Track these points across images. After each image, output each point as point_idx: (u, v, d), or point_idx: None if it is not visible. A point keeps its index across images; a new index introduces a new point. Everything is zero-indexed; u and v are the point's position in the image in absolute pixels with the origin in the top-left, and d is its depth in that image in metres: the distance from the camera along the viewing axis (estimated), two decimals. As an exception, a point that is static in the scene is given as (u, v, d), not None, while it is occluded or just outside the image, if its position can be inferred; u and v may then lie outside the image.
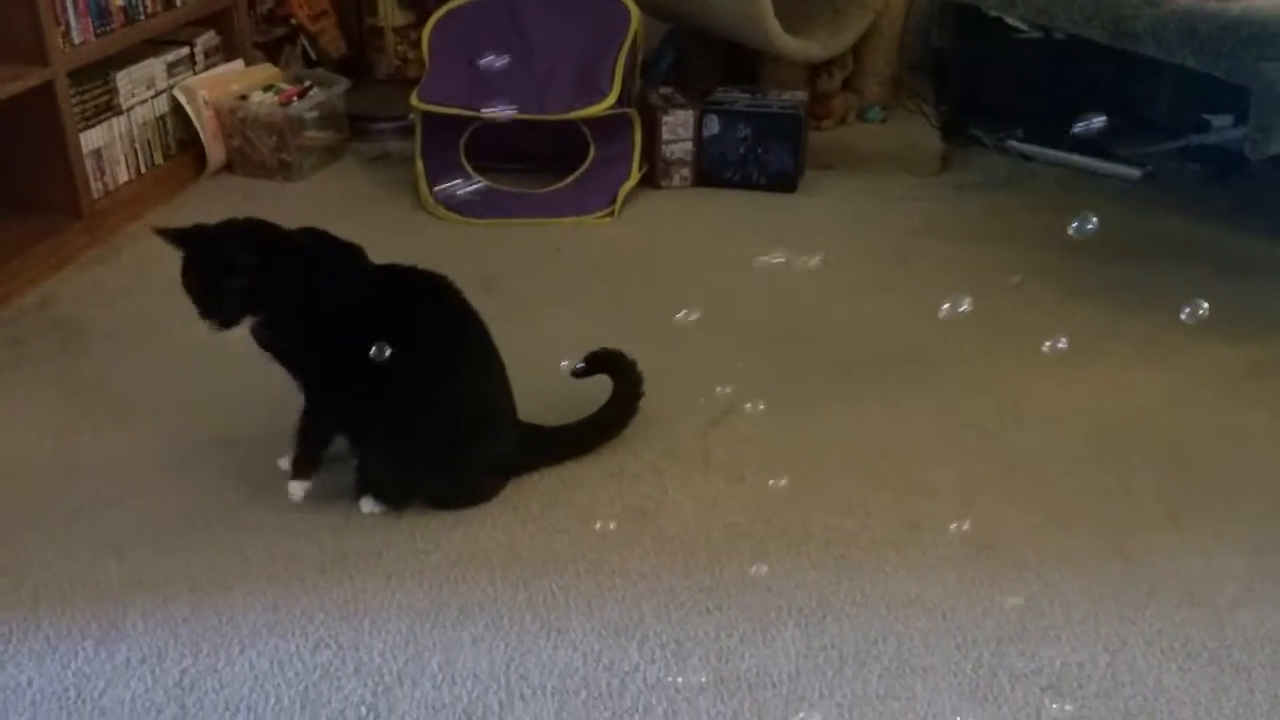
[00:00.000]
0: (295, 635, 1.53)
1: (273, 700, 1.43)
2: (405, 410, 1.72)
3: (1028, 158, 3.19)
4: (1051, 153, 3.16)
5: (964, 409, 2.06)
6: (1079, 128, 1.22)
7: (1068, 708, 1.43)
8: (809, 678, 1.48)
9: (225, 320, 1.63)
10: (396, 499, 1.78)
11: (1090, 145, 3.11)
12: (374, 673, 1.47)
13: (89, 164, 2.70)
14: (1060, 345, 1.74)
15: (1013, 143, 3.23)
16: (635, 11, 2.96)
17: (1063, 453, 1.94)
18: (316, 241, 1.76)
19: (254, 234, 1.69)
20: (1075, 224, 1.16)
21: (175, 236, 1.64)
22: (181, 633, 1.53)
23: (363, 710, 1.42)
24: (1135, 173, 3.07)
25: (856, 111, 3.28)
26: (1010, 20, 3.21)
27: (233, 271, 1.61)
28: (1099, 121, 1.21)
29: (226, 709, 1.42)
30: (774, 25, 2.93)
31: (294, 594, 1.60)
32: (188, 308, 1.64)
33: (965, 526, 1.73)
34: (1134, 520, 1.78)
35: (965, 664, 1.50)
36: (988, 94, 3.34)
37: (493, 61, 2.93)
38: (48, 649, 1.50)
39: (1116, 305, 2.41)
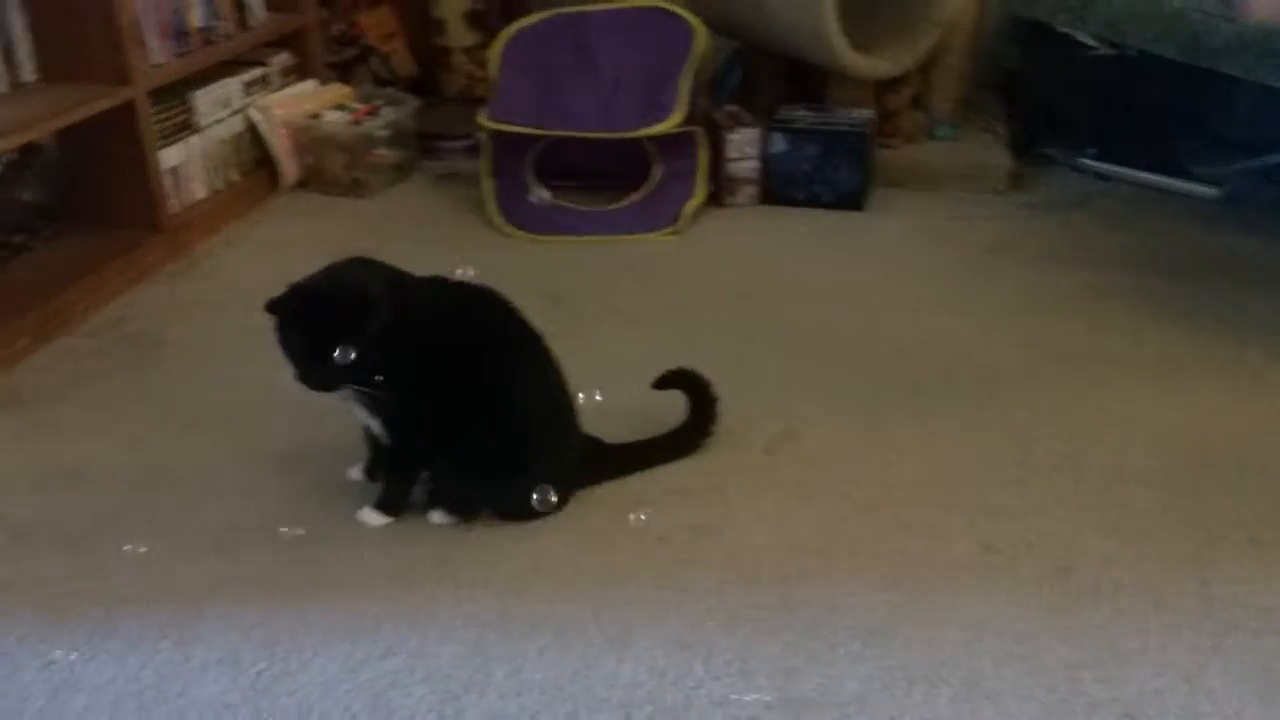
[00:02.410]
0: (365, 642, 1.55)
1: (343, 705, 1.44)
2: (474, 425, 1.73)
3: (1101, 176, 3.14)
4: (1126, 171, 3.11)
5: (1038, 431, 2.03)
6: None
7: (1145, 736, 1.40)
8: (876, 699, 1.46)
9: (329, 387, 1.62)
10: (465, 511, 1.79)
11: (1166, 164, 3.06)
12: (442, 681, 1.48)
13: (167, 181, 2.77)
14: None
15: (1085, 161, 3.18)
16: (701, 30, 2.97)
17: (1140, 477, 1.90)
18: (389, 280, 1.71)
19: (364, 292, 1.63)
20: None
21: (278, 305, 1.61)
22: (255, 636, 1.56)
23: (431, 717, 1.42)
24: (1212, 192, 3.01)
25: (925, 129, 3.26)
26: (1081, 37, 3.16)
27: (348, 342, 1.58)
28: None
29: (299, 712, 1.43)
30: (841, 43, 2.92)
31: (364, 601, 1.62)
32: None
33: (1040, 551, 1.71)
34: (1214, 547, 1.73)
35: (1038, 689, 1.47)
36: (1060, 111, 3.30)
37: (560, 80, 2.97)
38: (127, 649, 1.54)
39: (1194, 328, 2.36)
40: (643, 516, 1.77)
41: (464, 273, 1.60)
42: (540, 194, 2.91)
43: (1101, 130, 3.18)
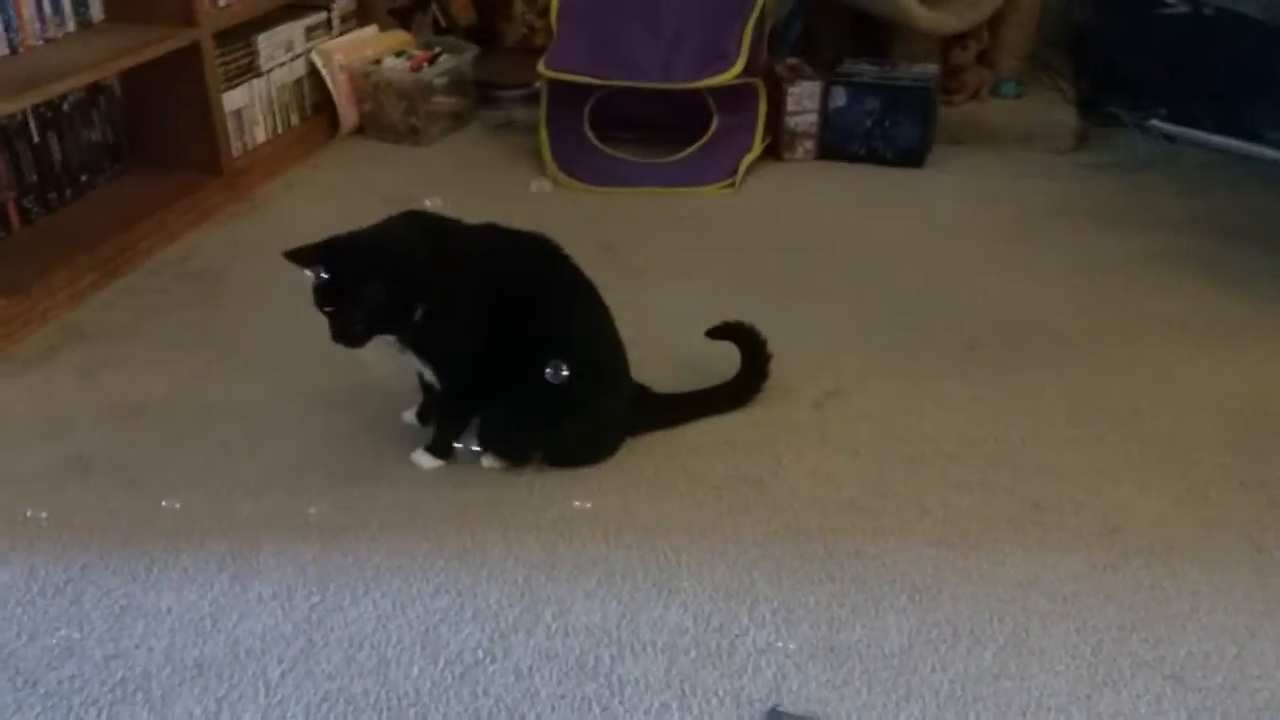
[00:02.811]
0: (417, 579, 1.58)
1: (394, 640, 1.48)
2: (525, 371, 1.75)
3: (1170, 138, 3.07)
4: (1196, 134, 3.03)
5: (1093, 392, 2.01)
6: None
7: (1191, 698, 1.39)
8: (921, 651, 1.46)
9: (358, 341, 1.64)
10: (515, 456, 1.81)
11: (1237, 127, 2.98)
12: (490, 619, 1.51)
13: (230, 123, 2.80)
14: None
15: (1155, 122, 3.10)
16: (765, -19, 2.94)
17: (1196, 441, 1.87)
18: (428, 229, 1.72)
19: (383, 248, 1.66)
20: None
21: (303, 257, 1.63)
22: (310, 571, 1.59)
23: (479, 654, 1.45)
24: (1284, 156, 2.93)
25: (990, 86, 3.20)
26: (1156, -7, 3.08)
27: (362, 296, 1.60)
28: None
29: (351, 645, 1.47)
30: (907, -4, 2.88)
31: (416, 541, 1.65)
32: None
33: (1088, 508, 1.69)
34: (1269, 513, 1.71)
35: (1084, 648, 1.47)
36: (1129, 70, 3.22)
37: (620, 31, 2.95)
38: (186, 580, 1.58)
39: (1259, 294, 2.31)
40: (588, 504, 1.73)
41: (432, 203, 1.58)
42: (595, 145, 2.91)
43: (1171, 91, 3.10)
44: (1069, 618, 1.51)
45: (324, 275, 1.61)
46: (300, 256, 1.64)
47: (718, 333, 1.93)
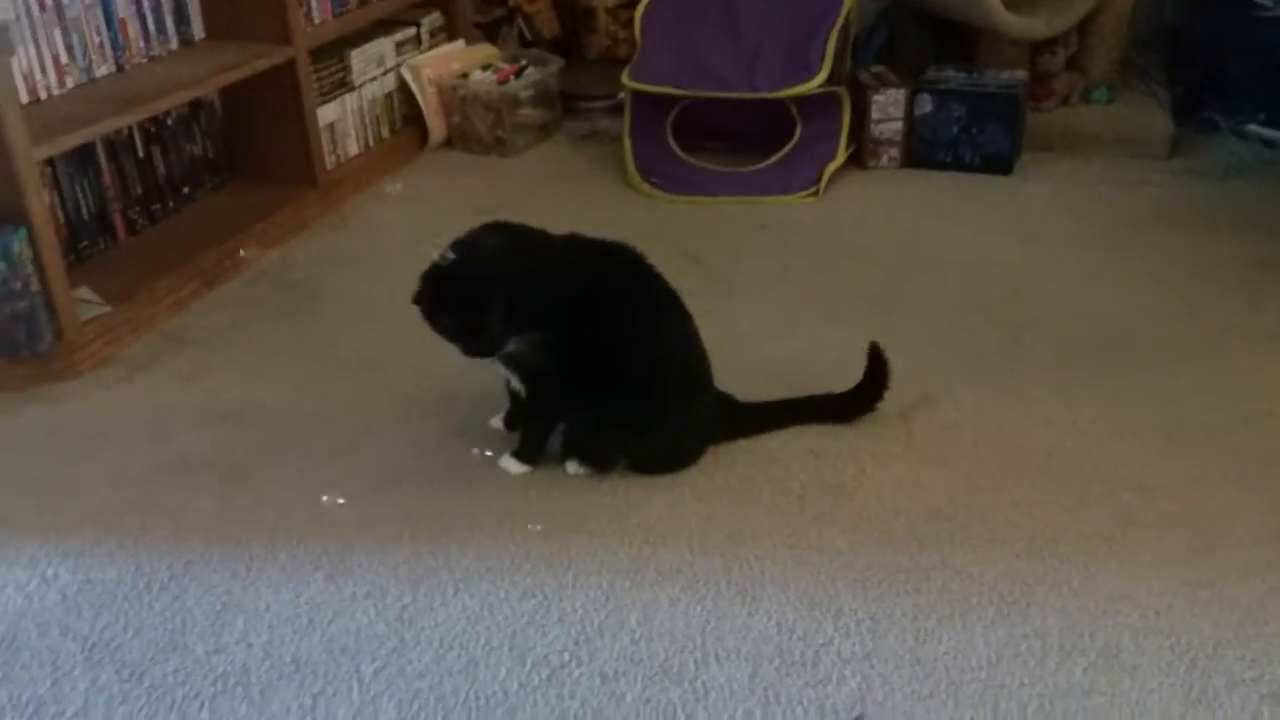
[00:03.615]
0: (504, 582, 1.61)
1: (483, 641, 1.51)
2: (610, 379, 1.77)
3: (1268, 144, 2.98)
4: (1295, 138, 2.96)
5: (1187, 404, 1.96)
6: None
7: (1292, 719, 1.36)
8: (1009, 665, 1.45)
9: (488, 352, 1.69)
10: (601, 462, 1.83)
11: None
12: (576, 623, 1.53)
13: (324, 137, 2.88)
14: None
15: (1253, 127, 3.02)
16: (850, -11, 2.93)
17: (1295, 455, 1.82)
18: (514, 240, 1.76)
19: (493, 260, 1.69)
20: None
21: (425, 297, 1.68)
22: (402, 572, 1.63)
23: (565, 657, 1.48)
24: (1392, 162, 2.83)
25: (1080, 92, 3.15)
26: (1254, -5, 3.01)
27: (485, 310, 1.64)
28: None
29: (441, 645, 1.50)
30: (995, 4, 2.85)
31: (504, 544, 1.68)
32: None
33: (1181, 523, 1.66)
34: (1375, 530, 1.66)
35: (1179, 665, 1.44)
36: (1227, 75, 3.14)
37: (703, 41, 2.96)
38: (284, 578, 1.63)
39: (1364, 303, 2.24)
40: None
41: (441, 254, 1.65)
42: (679, 156, 2.93)
43: (1269, 95, 3.02)
44: (1162, 633, 1.48)
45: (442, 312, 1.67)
46: (418, 297, 1.69)
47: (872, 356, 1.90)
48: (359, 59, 3.01)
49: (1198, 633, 1.48)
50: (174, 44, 2.62)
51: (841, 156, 2.90)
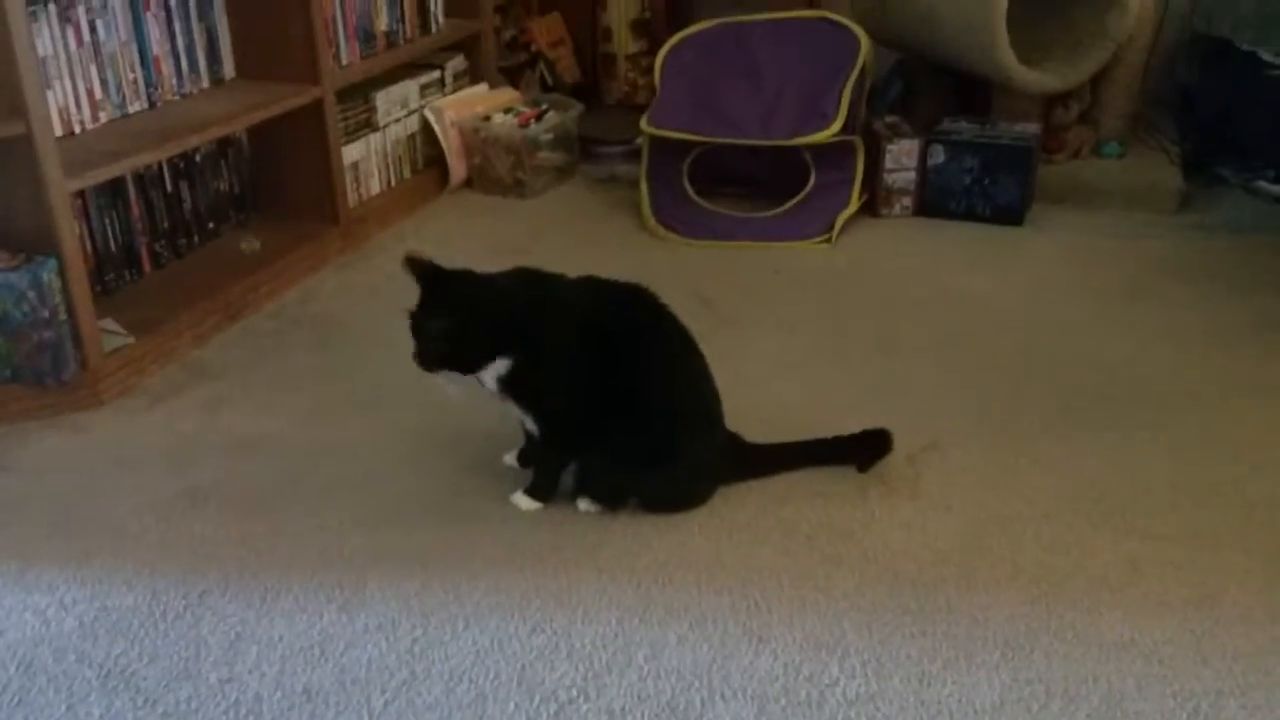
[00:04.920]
0: (514, 617, 1.63)
1: (492, 675, 1.53)
2: (623, 418, 1.80)
3: (1277, 200, 3.01)
4: (1305, 195, 2.99)
5: (1194, 456, 1.98)
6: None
7: (1294, 770, 1.37)
8: (1013, 709, 1.46)
9: (429, 366, 1.75)
10: (612, 500, 1.86)
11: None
12: (585, 659, 1.55)
13: (347, 175, 2.94)
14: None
15: (1262, 184, 3.06)
16: (865, 40, 2.99)
17: (1301, 507, 1.84)
18: (531, 282, 1.81)
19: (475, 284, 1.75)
20: None
21: (414, 268, 1.73)
22: (414, 605, 1.66)
23: (574, 693, 1.49)
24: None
25: (1092, 145, 3.19)
26: (1265, 55, 3.05)
27: (430, 328, 1.72)
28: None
29: (451, 678, 1.52)
30: (1009, 57, 2.89)
31: (514, 580, 1.70)
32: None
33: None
34: (1380, 584, 1.67)
35: (1180, 712, 1.45)
36: (1236, 131, 3.18)
37: (721, 88, 3.02)
38: (297, 609, 1.66)
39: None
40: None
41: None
42: (693, 200, 2.97)
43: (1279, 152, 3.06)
44: (1165, 680, 1.50)
45: (420, 298, 1.72)
46: (413, 266, 1.73)
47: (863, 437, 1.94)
48: (384, 100, 3.08)
49: (1200, 680, 1.49)
50: (205, 82, 2.68)
51: (854, 204, 2.94)
